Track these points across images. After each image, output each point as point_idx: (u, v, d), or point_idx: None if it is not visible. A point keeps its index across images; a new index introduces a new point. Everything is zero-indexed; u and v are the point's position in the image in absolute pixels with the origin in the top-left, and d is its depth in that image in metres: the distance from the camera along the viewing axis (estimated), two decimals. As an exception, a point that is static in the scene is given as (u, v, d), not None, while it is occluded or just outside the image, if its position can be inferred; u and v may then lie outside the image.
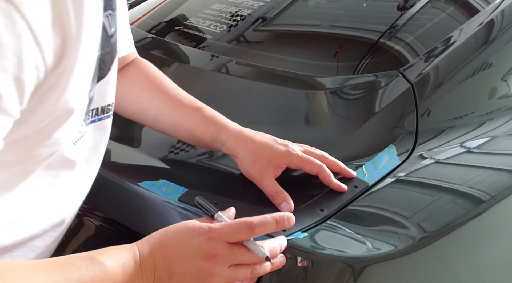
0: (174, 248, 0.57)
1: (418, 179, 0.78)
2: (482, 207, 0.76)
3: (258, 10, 1.14)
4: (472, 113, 0.90)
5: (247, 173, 0.75)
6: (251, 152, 0.74)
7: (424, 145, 0.82)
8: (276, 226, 0.59)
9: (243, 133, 0.76)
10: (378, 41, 0.97)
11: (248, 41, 1.10)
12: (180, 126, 0.79)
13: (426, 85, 0.88)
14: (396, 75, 0.88)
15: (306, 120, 0.92)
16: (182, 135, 0.81)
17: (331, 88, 0.91)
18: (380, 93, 0.87)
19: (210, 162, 0.83)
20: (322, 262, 0.65)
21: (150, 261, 0.56)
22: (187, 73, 1.04)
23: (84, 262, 0.52)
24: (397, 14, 1.02)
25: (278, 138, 0.76)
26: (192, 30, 1.15)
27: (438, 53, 0.91)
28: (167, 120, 0.80)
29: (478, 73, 0.91)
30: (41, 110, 0.52)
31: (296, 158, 0.74)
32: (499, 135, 0.88)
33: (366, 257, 0.66)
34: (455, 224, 0.72)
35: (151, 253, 0.57)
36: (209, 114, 0.78)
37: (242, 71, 1.02)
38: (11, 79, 0.46)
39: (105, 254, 0.54)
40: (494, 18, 0.97)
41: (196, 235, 0.57)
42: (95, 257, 0.53)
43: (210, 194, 0.71)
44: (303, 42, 1.08)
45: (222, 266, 0.57)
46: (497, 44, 0.94)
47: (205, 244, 0.57)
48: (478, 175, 0.81)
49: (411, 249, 0.68)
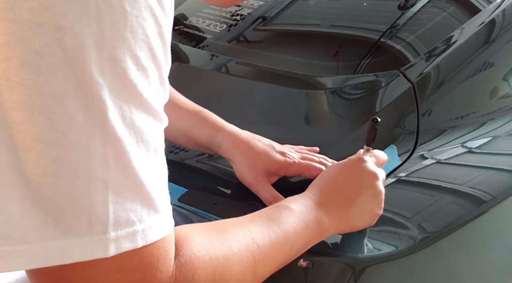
0: (343, 182, 0.65)
1: (419, 179, 0.77)
2: (483, 208, 0.76)
3: (258, 9, 1.14)
4: (473, 113, 0.90)
5: (242, 177, 0.74)
6: (247, 157, 0.73)
7: (425, 145, 0.81)
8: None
9: (240, 136, 0.74)
10: (378, 40, 0.96)
11: (248, 41, 1.10)
12: (177, 129, 0.77)
13: (427, 84, 0.88)
14: (397, 74, 0.88)
15: (306, 120, 0.91)
16: (179, 139, 0.79)
17: (332, 88, 0.91)
18: (380, 93, 0.87)
19: (210, 162, 0.83)
20: (323, 262, 0.64)
21: (325, 198, 0.62)
22: (186, 72, 1.04)
23: (276, 210, 0.58)
24: (398, 13, 1.02)
25: (276, 144, 0.75)
26: (191, 30, 1.15)
27: (439, 53, 0.91)
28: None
29: (479, 72, 0.91)
30: None
31: (294, 166, 0.73)
32: (500, 135, 0.88)
33: (366, 258, 0.65)
34: (456, 225, 0.72)
35: (322, 192, 0.63)
36: (205, 117, 0.77)
37: (242, 70, 1.01)
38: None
39: (288, 202, 0.60)
40: (495, 18, 0.96)
41: (353, 164, 0.66)
42: (283, 204, 0.59)
43: (210, 195, 0.70)
44: (303, 41, 1.08)
45: (380, 181, 0.66)
46: (498, 44, 0.94)
47: (366, 167, 0.65)
48: (479, 175, 0.81)
49: (412, 250, 0.67)
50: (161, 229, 0.40)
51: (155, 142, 0.40)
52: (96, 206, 0.36)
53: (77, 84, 0.34)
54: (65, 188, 0.35)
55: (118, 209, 0.37)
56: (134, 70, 0.37)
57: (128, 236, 0.37)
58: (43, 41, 0.33)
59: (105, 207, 0.36)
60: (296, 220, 0.57)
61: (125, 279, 0.39)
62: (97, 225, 0.36)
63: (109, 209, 0.36)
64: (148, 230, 0.39)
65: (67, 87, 0.34)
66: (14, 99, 0.33)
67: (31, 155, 0.34)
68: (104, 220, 0.36)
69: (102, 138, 0.36)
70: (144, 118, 0.38)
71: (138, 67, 0.37)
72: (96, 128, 0.35)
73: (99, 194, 0.36)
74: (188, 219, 0.70)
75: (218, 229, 0.49)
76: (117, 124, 0.36)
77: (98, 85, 0.35)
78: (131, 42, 0.36)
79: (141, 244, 0.38)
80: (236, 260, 0.47)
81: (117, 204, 0.37)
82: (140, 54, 0.37)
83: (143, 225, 0.38)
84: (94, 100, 0.35)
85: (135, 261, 0.39)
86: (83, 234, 0.36)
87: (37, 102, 0.34)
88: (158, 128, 0.40)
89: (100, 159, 0.36)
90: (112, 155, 0.36)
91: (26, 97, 0.33)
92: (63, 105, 0.34)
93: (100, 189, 0.36)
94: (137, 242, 0.38)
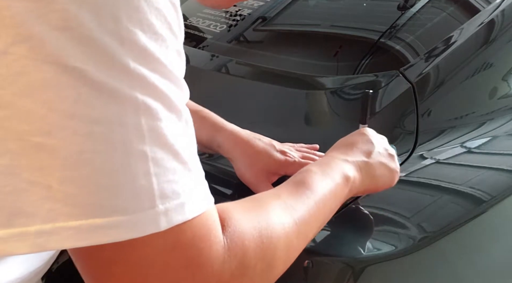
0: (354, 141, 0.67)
1: (419, 179, 0.78)
2: (482, 207, 0.76)
3: (258, 10, 1.14)
4: (473, 113, 0.90)
5: (242, 177, 0.74)
6: (247, 156, 0.73)
7: (425, 145, 0.81)
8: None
9: (241, 136, 0.75)
10: (378, 41, 0.97)
11: (248, 41, 1.10)
12: None
13: (427, 85, 0.88)
14: (397, 75, 0.88)
15: (306, 120, 0.92)
16: None
17: (331, 88, 0.91)
18: (380, 93, 0.87)
19: (210, 162, 0.83)
20: (323, 262, 0.64)
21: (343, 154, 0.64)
22: (187, 73, 1.04)
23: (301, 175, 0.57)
24: (398, 13, 1.02)
25: (276, 143, 0.75)
26: (192, 30, 1.15)
27: (439, 53, 0.91)
28: None
29: (478, 73, 0.91)
30: None
31: (294, 166, 0.73)
32: (499, 135, 0.88)
33: (366, 258, 0.66)
34: (455, 224, 0.72)
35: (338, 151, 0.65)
36: (206, 116, 0.77)
37: (242, 71, 1.02)
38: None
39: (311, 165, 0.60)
40: (495, 18, 0.97)
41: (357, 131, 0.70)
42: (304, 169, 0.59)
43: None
44: (303, 41, 1.08)
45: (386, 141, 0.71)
46: (497, 44, 0.94)
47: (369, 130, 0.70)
48: (479, 175, 0.81)
49: (412, 250, 0.68)
50: (205, 200, 0.39)
51: (183, 110, 0.39)
52: (139, 179, 0.34)
53: (98, 55, 0.34)
54: (104, 163, 0.34)
55: (162, 181, 0.35)
56: (152, 40, 0.36)
57: (177, 208, 0.36)
58: (60, 16, 0.32)
59: (149, 180, 0.35)
60: (322, 178, 0.57)
61: (182, 255, 0.37)
62: (143, 199, 0.35)
63: (153, 182, 0.35)
64: (194, 201, 0.38)
65: (89, 60, 0.33)
66: (41, 78, 0.33)
67: (64, 133, 0.33)
68: (150, 194, 0.35)
69: (133, 107, 0.35)
70: (170, 87, 0.37)
71: (156, 36, 0.36)
72: (125, 98, 0.34)
73: (140, 167, 0.35)
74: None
75: (253, 201, 0.49)
76: (145, 92, 0.35)
77: (119, 55, 0.34)
78: (146, 11, 0.35)
79: (191, 216, 0.37)
80: (278, 223, 0.47)
81: (160, 176, 0.35)
82: (156, 23, 0.36)
83: (189, 197, 0.37)
84: (117, 70, 0.34)
85: (188, 234, 0.37)
86: (131, 210, 0.34)
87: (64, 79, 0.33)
88: (183, 97, 0.39)
89: (134, 130, 0.35)
90: (145, 125, 0.35)
91: (53, 74, 0.33)
92: (88, 78, 0.33)
93: (140, 161, 0.35)
94: (187, 214, 0.37)
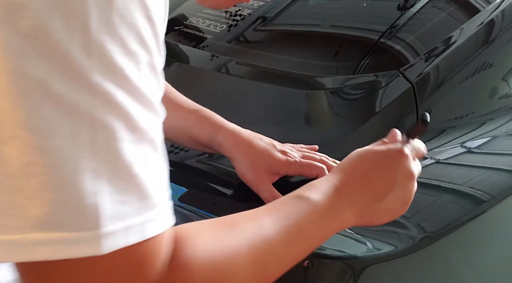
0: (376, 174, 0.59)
1: (419, 179, 0.77)
2: (482, 208, 0.76)
3: (258, 10, 1.14)
4: (473, 113, 0.90)
5: (243, 176, 0.73)
6: (248, 156, 0.73)
7: (425, 145, 0.81)
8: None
9: (241, 135, 0.74)
10: (378, 41, 0.97)
11: (248, 41, 1.10)
12: (178, 129, 0.76)
13: (427, 85, 0.88)
14: (396, 75, 0.88)
15: (306, 120, 0.92)
16: (180, 139, 0.79)
17: (331, 88, 0.91)
18: (380, 93, 0.87)
19: (210, 162, 0.83)
20: (323, 262, 0.64)
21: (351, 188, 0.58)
22: (187, 73, 1.04)
23: (293, 201, 0.54)
24: (397, 14, 1.02)
25: (277, 143, 0.75)
26: (192, 30, 1.15)
27: (439, 53, 0.91)
28: (164, 123, 0.79)
29: (478, 73, 0.91)
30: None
31: (295, 166, 0.72)
32: (499, 135, 0.88)
33: (366, 258, 0.66)
34: (455, 225, 0.72)
35: (349, 179, 0.58)
36: (206, 116, 0.76)
37: (242, 71, 1.02)
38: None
39: (308, 190, 0.56)
40: (495, 18, 0.97)
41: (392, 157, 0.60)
42: (301, 194, 0.55)
43: (211, 195, 0.71)
44: (303, 42, 1.08)
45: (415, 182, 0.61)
46: (497, 44, 0.94)
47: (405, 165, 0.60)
48: (479, 175, 0.81)
49: (412, 249, 0.68)
50: (158, 224, 0.37)
51: (150, 132, 0.37)
52: (86, 197, 0.33)
53: (62, 67, 0.33)
54: (52, 177, 0.33)
55: (110, 201, 0.34)
56: (122, 54, 0.34)
57: (122, 231, 0.35)
58: (28, 24, 0.32)
59: (96, 199, 0.34)
60: (314, 214, 0.53)
61: (116, 278, 0.36)
62: (88, 218, 0.33)
63: (100, 201, 0.34)
64: (142, 225, 0.36)
65: (52, 70, 0.32)
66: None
67: (17, 143, 0.32)
68: (95, 213, 0.34)
69: (89, 124, 0.33)
70: (136, 106, 0.36)
71: (126, 51, 0.35)
72: (83, 114, 0.33)
73: (89, 185, 0.33)
74: (188, 219, 0.70)
75: (227, 226, 0.47)
76: (106, 109, 0.34)
77: (84, 68, 0.33)
78: (118, 25, 0.34)
79: (135, 240, 0.36)
80: (243, 261, 0.45)
81: (109, 196, 0.34)
82: (127, 38, 0.35)
83: (138, 220, 0.36)
84: (79, 83, 0.33)
85: (128, 259, 0.36)
86: (73, 228, 0.33)
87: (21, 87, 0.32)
88: (152, 118, 0.38)
89: (87, 147, 0.33)
90: (101, 143, 0.34)
91: (10, 82, 0.32)
92: (48, 90, 0.32)
93: (90, 179, 0.33)
94: (130, 238, 0.35)
